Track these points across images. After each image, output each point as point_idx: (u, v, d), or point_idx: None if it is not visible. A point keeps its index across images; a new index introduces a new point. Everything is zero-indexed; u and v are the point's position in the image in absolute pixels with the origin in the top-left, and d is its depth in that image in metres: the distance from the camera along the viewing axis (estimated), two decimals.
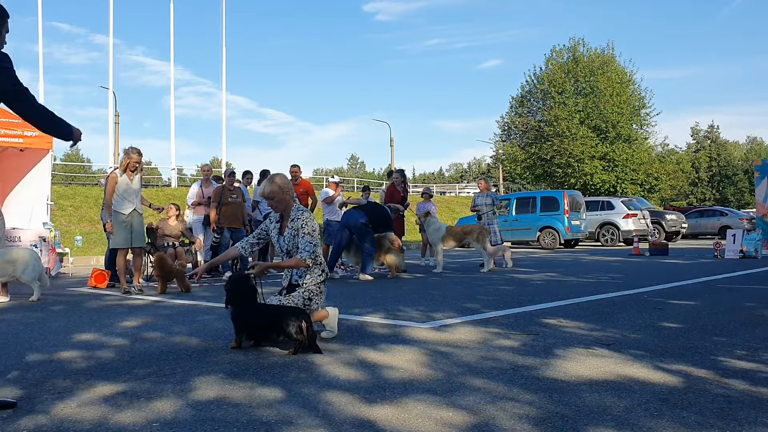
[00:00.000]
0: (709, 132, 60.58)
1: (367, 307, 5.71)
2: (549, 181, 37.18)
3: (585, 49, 37.40)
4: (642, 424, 2.32)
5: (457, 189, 49.44)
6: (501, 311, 5.29)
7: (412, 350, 3.73)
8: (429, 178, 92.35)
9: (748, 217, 24.36)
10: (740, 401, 2.59)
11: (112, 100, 30.74)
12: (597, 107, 35.38)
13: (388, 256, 9.24)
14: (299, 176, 10.49)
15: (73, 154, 67.61)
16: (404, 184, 10.78)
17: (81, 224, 18.73)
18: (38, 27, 24.72)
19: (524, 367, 3.26)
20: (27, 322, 5.24)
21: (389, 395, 2.77)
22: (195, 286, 8.19)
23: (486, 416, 2.45)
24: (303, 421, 2.42)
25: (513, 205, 19.54)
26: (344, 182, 42.44)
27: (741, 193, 56.71)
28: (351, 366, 3.35)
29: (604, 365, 3.26)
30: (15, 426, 2.41)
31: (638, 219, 19.80)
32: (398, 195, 10.57)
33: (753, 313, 5.05)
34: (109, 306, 6.31)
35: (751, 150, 69.22)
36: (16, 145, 10.36)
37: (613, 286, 7.24)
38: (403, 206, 10.64)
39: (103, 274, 8.44)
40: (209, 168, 10.50)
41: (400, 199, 10.56)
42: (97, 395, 2.83)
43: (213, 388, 2.93)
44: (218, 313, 5.55)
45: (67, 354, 3.80)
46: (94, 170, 54.90)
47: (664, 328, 4.40)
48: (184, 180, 37.81)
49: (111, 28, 28.44)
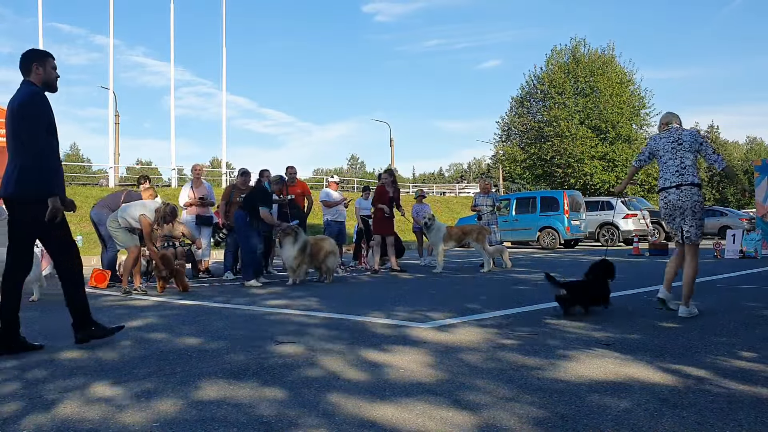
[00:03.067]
0: (709, 132, 60.60)
1: (368, 307, 5.71)
2: (549, 181, 37.18)
3: (586, 49, 37.44)
4: (642, 424, 2.32)
5: (457, 189, 49.41)
6: (501, 311, 5.29)
7: (413, 350, 3.73)
8: (429, 178, 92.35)
9: (748, 217, 24.34)
10: (740, 401, 2.60)
11: (113, 101, 30.76)
12: (597, 107, 35.39)
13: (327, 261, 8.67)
14: (295, 177, 10.62)
15: (74, 154, 67.64)
16: (394, 185, 10.61)
17: (81, 224, 18.71)
18: (38, 27, 24.73)
19: (524, 367, 3.26)
20: (27, 321, 5.23)
21: (390, 395, 2.77)
22: (195, 286, 8.19)
23: (487, 416, 2.45)
24: (304, 421, 2.42)
25: (513, 205, 19.54)
26: (344, 182, 42.48)
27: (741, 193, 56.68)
28: (352, 366, 3.35)
29: (604, 365, 3.27)
30: (15, 426, 2.41)
31: (638, 219, 19.80)
32: (387, 195, 10.34)
33: (753, 313, 5.05)
34: (109, 306, 6.31)
35: (751, 150, 69.23)
36: None
37: (613, 286, 7.23)
38: (391, 206, 10.30)
39: (103, 274, 8.44)
40: (200, 168, 10.52)
41: (389, 199, 10.32)
42: (98, 395, 2.84)
43: (213, 388, 2.93)
44: (219, 313, 5.55)
45: (67, 354, 3.80)
46: (94, 170, 54.90)
47: (664, 328, 4.40)
48: (184, 180, 37.76)
49: (111, 29, 28.46)
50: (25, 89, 3.93)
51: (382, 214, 10.21)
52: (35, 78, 4.00)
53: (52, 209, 3.77)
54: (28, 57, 4.03)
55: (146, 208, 7.50)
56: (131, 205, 7.67)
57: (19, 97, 3.90)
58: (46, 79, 4.03)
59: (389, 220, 10.29)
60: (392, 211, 10.31)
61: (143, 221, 7.37)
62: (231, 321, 5.04)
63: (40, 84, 4.01)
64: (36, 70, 4.00)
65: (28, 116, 3.81)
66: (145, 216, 7.38)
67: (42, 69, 4.02)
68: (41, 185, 3.80)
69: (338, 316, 5.17)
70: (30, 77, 4.00)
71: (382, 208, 10.23)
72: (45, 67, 4.03)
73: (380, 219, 10.28)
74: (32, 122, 3.80)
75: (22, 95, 3.89)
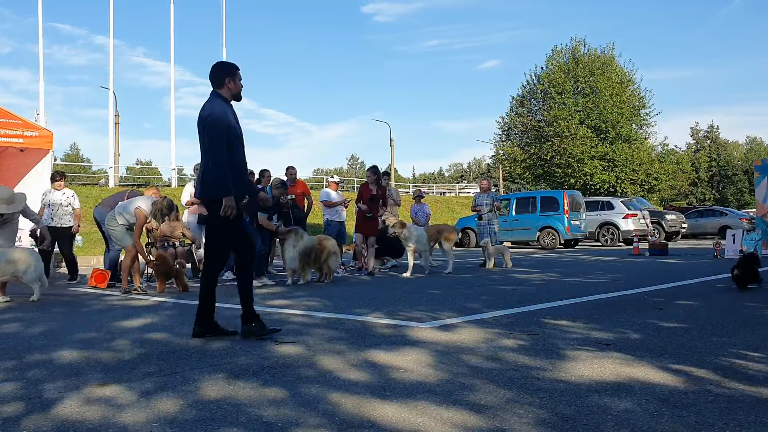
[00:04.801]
0: (708, 132, 60.58)
1: (368, 307, 5.71)
2: (549, 181, 37.18)
3: (586, 49, 37.44)
4: (642, 424, 2.32)
5: (457, 189, 49.42)
6: (501, 311, 5.30)
7: (414, 350, 3.73)
8: (429, 178, 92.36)
9: (747, 217, 24.35)
10: (740, 401, 2.60)
11: (113, 101, 30.76)
12: (597, 107, 35.38)
13: None
14: (296, 177, 10.63)
15: (74, 154, 67.61)
16: (378, 183, 10.03)
17: (81, 224, 18.72)
18: (38, 27, 24.71)
19: (525, 366, 3.26)
20: (27, 322, 5.24)
21: (390, 395, 2.77)
22: (195, 286, 8.19)
23: (488, 416, 2.45)
24: (304, 421, 2.42)
25: (513, 205, 19.54)
26: (344, 182, 42.44)
27: (741, 193, 56.69)
28: (352, 366, 3.35)
29: (604, 365, 3.27)
30: (15, 426, 2.41)
31: (638, 219, 19.81)
32: (369, 194, 9.92)
33: (753, 313, 5.05)
34: (109, 306, 6.31)
35: (751, 150, 69.19)
36: (16, 145, 10.36)
37: (613, 286, 7.24)
38: (375, 205, 9.85)
39: (103, 274, 8.44)
40: None
41: (371, 198, 9.90)
42: (98, 395, 2.84)
43: (214, 388, 2.93)
44: (219, 313, 5.54)
45: (67, 354, 3.80)
46: (94, 170, 54.90)
47: (664, 328, 4.40)
48: (184, 180, 37.75)
49: (111, 29, 28.44)
50: (214, 102, 4.25)
51: (363, 213, 9.90)
52: (226, 91, 4.31)
53: (225, 207, 4.11)
54: (221, 70, 4.32)
55: (143, 201, 7.48)
56: (131, 201, 7.67)
57: (208, 108, 4.21)
58: (236, 91, 4.35)
59: (372, 221, 9.88)
60: (376, 210, 9.90)
61: (138, 213, 7.32)
62: (231, 321, 5.04)
63: (229, 97, 4.32)
64: (228, 84, 4.30)
65: (213, 127, 4.14)
66: (140, 208, 7.34)
67: (233, 83, 4.32)
68: (217, 187, 4.13)
69: (338, 316, 5.17)
70: (221, 90, 4.30)
71: (360, 208, 9.94)
72: (235, 81, 4.33)
73: (360, 219, 9.95)
74: (216, 133, 4.14)
75: (212, 108, 4.20)
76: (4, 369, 3.41)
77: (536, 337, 4.07)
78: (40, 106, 24.17)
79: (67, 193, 9.26)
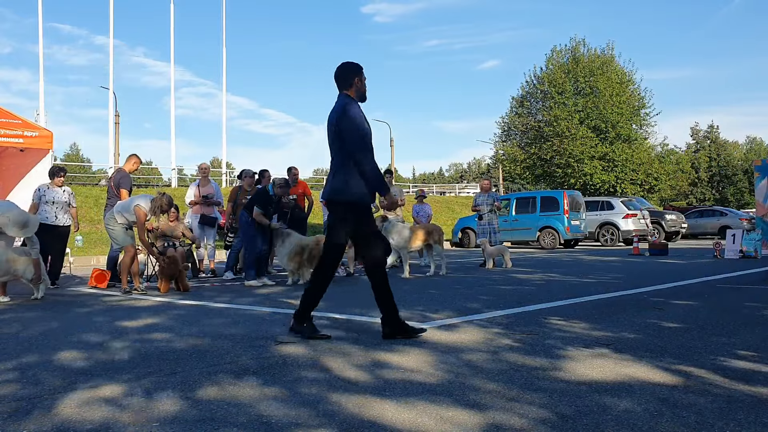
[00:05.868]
0: (708, 132, 60.59)
1: (368, 307, 5.71)
2: (549, 181, 37.17)
3: (586, 49, 37.42)
4: (642, 424, 2.32)
5: (457, 189, 49.41)
6: (501, 311, 5.29)
7: (414, 350, 3.73)
8: (429, 178, 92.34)
9: (747, 217, 24.35)
10: (740, 401, 2.60)
11: (113, 101, 30.77)
12: (597, 107, 35.37)
13: None
14: (298, 177, 10.65)
15: (74, 154, 67.64)
16: (287, 185, 9.60)
17: (81, 224, 18.71)
18: (38, 27, 24.72)
19: (525, 366, 3.26)
20: (27, 322, 5.24)
21: (391, 395, 2.77)
22: (195, 286, 8.19)
23: (488, 415, 2.45)
24: (304, 421, 2.42)
25: (513, 205, 19.54)
26: None
27: (741, 193, 56.71)
28: (352, 365, 3.35)
29: (604, 365, 3.27)
30: (15, 426, 2.41)
31: (638, 219, 19.81)
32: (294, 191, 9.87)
33: (753, 313, 5.05)
34: (109, 306, 6.31)
35: (751, 150, 69.21)
36: (16, 145, 10.35)
37: (613, 286, 7.24)
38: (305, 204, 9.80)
39: (103, 274, 8.44)
40: (207, 167, 10.49)
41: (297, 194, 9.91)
42: (98, 395, 2.83)
43: (214, 388, 2.93)
44: (219, 313, 5.55)
45: (68, 354, 3.80)
46: (94, 170, 54.96)
47: (664, 328, 4.40)
48: (184, 180, 37.80)
49: (111, 30, 28.49)
50: (344, 103, 4.20)
51: None
52: (354, 91, 4.26)
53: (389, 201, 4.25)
54: (349, 70, 4.27)
55: (142, 199, 7.48)
56: (130, 200, 7.67)
57: (339, 110, 4.16)
58: (363, 91, 4.31)
59: None
60: None
61: (138, 211, 7.31)
62: (231, 321, 5.04)
63: (356, 97, 4.28)
64: (357, 83, 4.26)
65: (346, 129, 4.09)
66: (139, 206, 7.33)
67: (361, 83, 4.28)
68: (347, 190, 4.11)
69: (338, 316, 5.17)
70: (349, 90, 4.25)
71: None
72: (362, 80, 4.30)
73: None
74: (349, 135, 4.09)
75: (343, 109, 4.15)
76: (4, 369, 3.41)
77: (536, 337, 4.07)
78: (40, 106, 24.21)
79: (67, 191, 9.23)
